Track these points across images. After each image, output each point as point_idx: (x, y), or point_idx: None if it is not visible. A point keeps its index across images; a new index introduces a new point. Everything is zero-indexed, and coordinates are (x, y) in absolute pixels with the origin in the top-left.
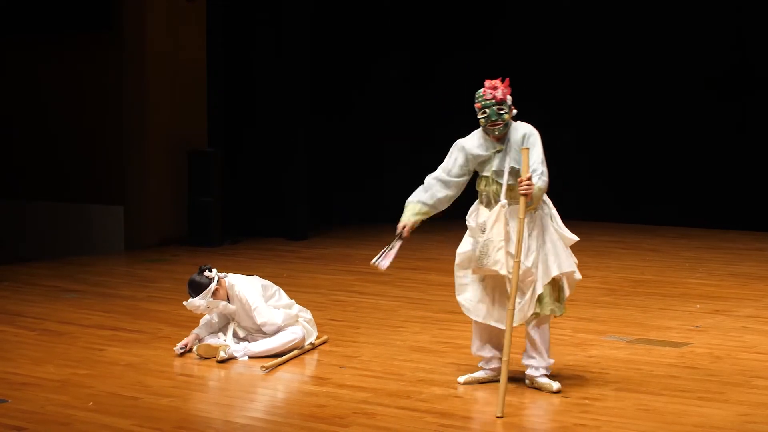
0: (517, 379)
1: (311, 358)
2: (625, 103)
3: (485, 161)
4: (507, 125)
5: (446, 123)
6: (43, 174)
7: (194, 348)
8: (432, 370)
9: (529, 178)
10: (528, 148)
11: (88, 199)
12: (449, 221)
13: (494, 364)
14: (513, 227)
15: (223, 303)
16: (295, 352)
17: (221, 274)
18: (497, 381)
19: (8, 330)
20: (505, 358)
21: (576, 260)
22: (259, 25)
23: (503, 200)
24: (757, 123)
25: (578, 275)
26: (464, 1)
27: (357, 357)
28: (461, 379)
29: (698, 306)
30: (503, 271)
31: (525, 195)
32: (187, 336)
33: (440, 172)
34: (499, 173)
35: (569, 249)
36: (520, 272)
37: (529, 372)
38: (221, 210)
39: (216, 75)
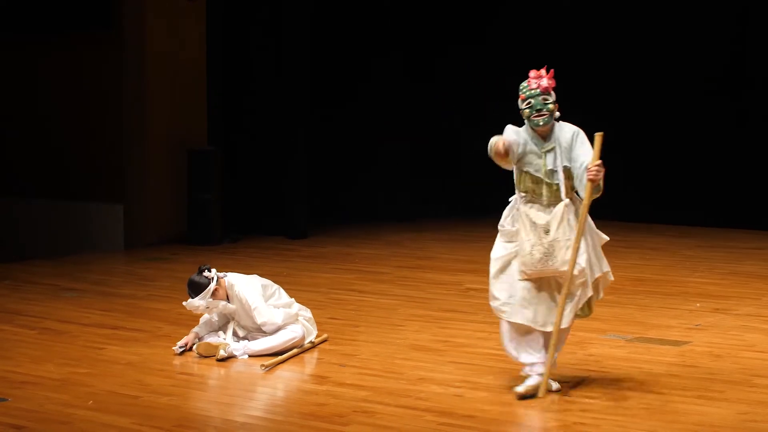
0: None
1: (311, 357)
2: (624, 101)
3: (533, 158)
4: (552, 116)
5: (446, 120)
6: (43, 173)
7: (194, 347)
8: (432, 369)
9: (599, 164)
10: (602, 133)
11: (88, 198)
12: (449, 220)
13: (539, 369)
14: (571, 224)
15: (223, 303)
16: (295, 350)
17: (221, 274)
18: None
19: (8, 329)
20: (552, 351)
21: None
22: (259, 25)
23: (565, 199)
24: (757, 120)
25: (611, 276)
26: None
27: (357, 355)
28: (519, 388)
29: (698, 305)
30: (564, 268)
31: (592, 180)
32: (187, 335)
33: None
34: (551, 173)
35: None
36: (576, 271)
37: (537, 370)
38: (221, 208)
39: (216, 74)
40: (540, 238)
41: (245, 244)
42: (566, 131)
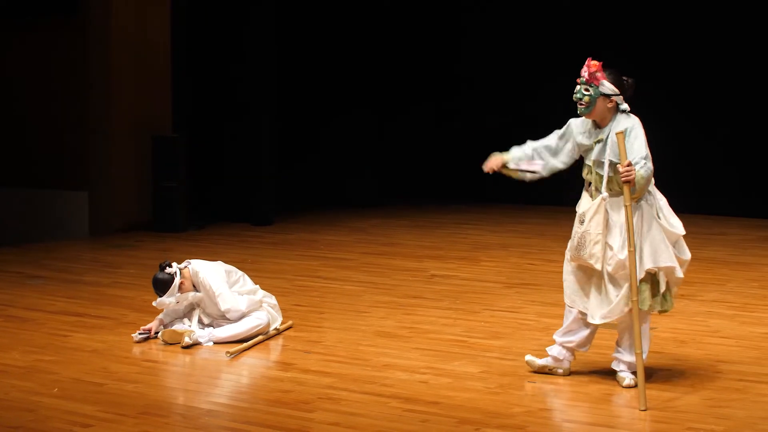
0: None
1: (276, 344)
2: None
3: (588, 150)
4: (589, 108)
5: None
6: (6, 160)
7: (159, 334)
8: (397, 355)
9: (629, 164)
10: (622, 132)
11: (53, 185)
12: (414, 207)
13: (566, 364)
14: (613, 219)
15: (192, 294)
16: (260, 337)
17: (182, 264)
18: (554, 374)
19: None
20: (638, 351)
21: (687, 257)
22: (224, 10)
23: (604, 192)
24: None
25: (679, 272)
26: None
27: (322, 342)
28: (528, 357)
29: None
30: (598, 266)
31: (627, 182)
32: (152, 321)
33: (551, 139)
34: (598, 164)
35: (680, 243)
36: (614, 264)
37: (612, 365)
38: (186, 195)
39: (181, 60)
40: (578, 227)
41: (210, 231)
42: (621, 125)
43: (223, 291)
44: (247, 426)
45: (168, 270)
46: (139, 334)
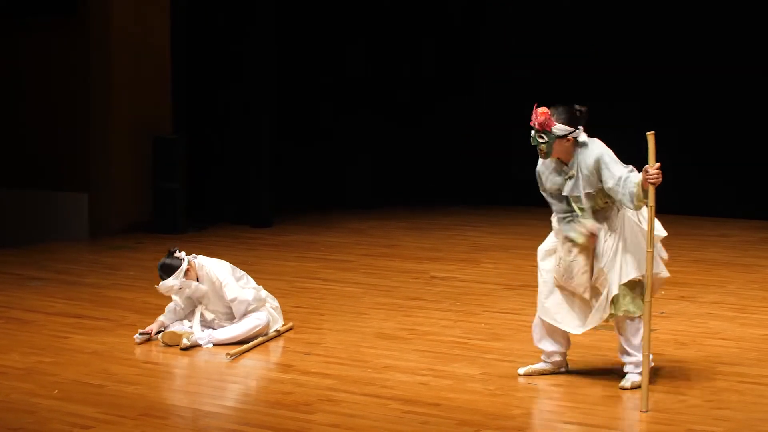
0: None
1: (276, 345)
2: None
3: (559, 182)
4: (546, 155)
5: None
6: (6, 161)
7: (159, 335)
8: (397, 357)
9: (659, 167)
10: (653, 132)
11: (53, 186)
12: (414, 208)
13: (556, 358)
14: (600, 246)
15: (195, 284)
16: (260, 339)
17: (191, 256)
18: (557, 373)
19: None
20: (645, 352)
21: (665, 256)
22: (225, 11)
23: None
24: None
25: (665, 273)
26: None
27: (322, 344)
28: (521, 370)
29: (663, 292)
30: (586, 295)
31: (653, 184)
32: (152, 323)
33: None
34: (575, 198)
35: (659, 244)
36: (595, 273)
37: (624, 369)
38: (186, 197)
39: (181, 61)
40: (566, 254)
41: (210, 233)
42: (589, 157)
43: (230, 282)
44: (247, 428)
45: (177, 255)
46: (140, 334)
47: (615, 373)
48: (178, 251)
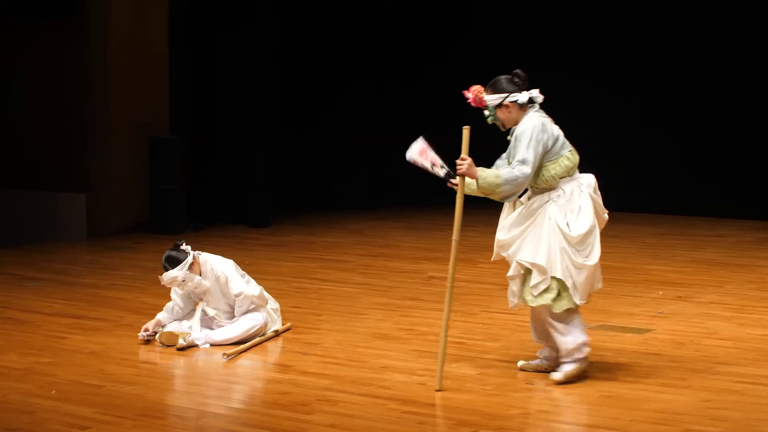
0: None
1: (274, 346)
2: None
3: None
4: (497, 122)
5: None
6: (4, 161)
7: (157, 335)
8: (395, 357)
9: (463, 159)
10: (469, 127)
11: (50, 187)
12: (411, 209)
13: (545, 353)
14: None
15: (198, 278)
16: (258, 339)
17: (196, 252)
18: (550, 371)
19: None
20: (443, 333)
21: (591, 262)
22: (224, 10)
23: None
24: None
25: (537, 277)
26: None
27: (319, 344)
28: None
29: (661, 292)
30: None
31: (460, 175)
32: (150, 321)
33: None
34: (509, 163)
35: (587, 245)
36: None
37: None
38: (184, 197)
39: (179, 62)
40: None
41: (208, 233)
42: (518, 128)
43: (236, 277)
44: (245, 428)
45: (183, 247)
46: (143, 333)
47: (613, 373)
48: (184, 244)
